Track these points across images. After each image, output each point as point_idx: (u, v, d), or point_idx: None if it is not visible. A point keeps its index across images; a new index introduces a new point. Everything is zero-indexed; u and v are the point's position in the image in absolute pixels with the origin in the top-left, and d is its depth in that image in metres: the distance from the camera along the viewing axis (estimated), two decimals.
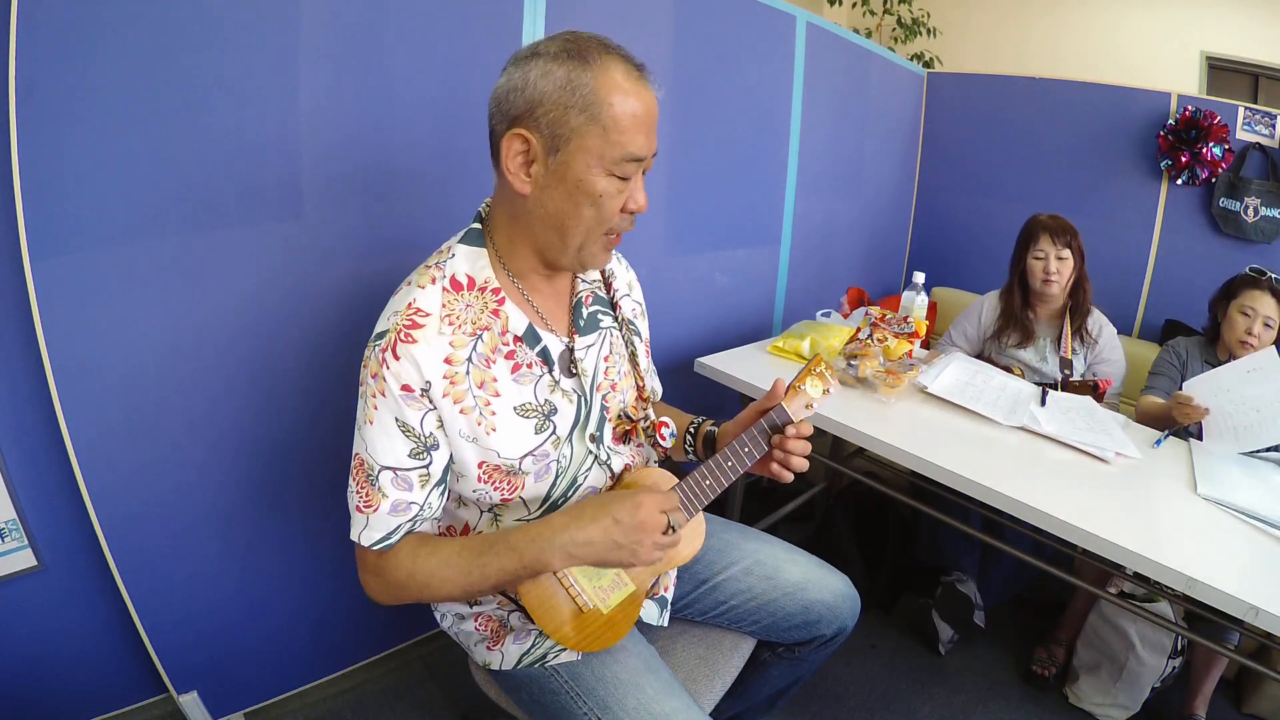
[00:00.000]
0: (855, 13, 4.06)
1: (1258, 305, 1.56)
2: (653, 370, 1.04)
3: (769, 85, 1.90)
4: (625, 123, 0.69)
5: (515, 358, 0.78)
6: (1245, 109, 2.09)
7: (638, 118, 0.70)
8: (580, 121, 0.69)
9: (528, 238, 0.77)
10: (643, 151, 0.72)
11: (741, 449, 0.84)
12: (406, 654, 1.51)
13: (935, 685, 1.59)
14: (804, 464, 0.85)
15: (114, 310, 0.96)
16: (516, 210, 0.76)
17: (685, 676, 0.97)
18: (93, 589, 1.08)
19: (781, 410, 0.84)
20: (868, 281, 2.61)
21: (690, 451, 0.99)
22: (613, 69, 0.69)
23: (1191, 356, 1.69)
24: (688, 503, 0.84)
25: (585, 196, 0.72)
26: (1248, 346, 1.56)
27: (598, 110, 0.68)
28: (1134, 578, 1.41)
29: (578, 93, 0.68)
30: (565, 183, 0.71)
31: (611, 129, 0.69)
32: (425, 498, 0.76)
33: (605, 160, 0.70)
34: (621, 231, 0.78)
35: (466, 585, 0.75)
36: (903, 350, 1.60)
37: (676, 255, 1.79)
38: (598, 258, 0.78)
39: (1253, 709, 1.57)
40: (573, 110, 0.68)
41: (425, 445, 0.74)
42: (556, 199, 0.72)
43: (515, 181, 0.72)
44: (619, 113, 0.69)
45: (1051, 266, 1.65)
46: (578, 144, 0.69)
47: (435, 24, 1.16)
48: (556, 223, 0.74)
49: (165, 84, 0.92)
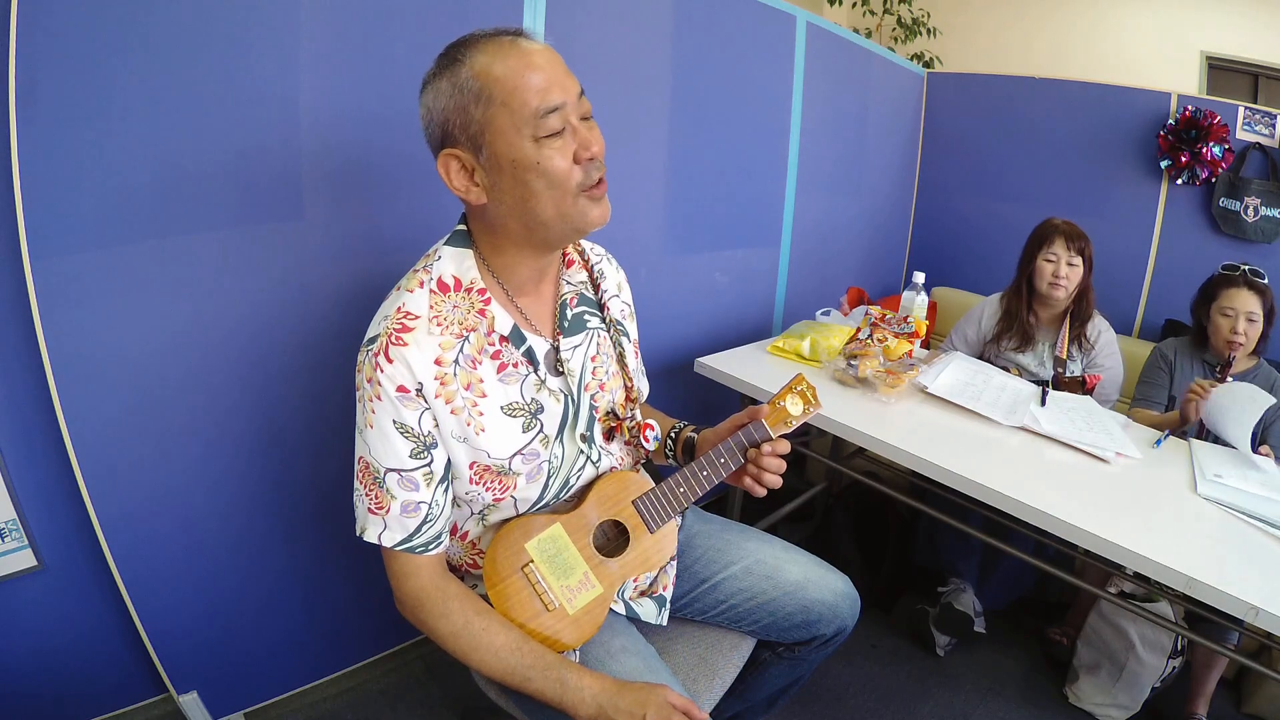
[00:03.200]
0: (855, 13, 4.07)
1: (1236, 304, 1.52)
2: (641, 371, 1.04)
3: (769, 85, 1.90)
4: (515, 83, 0.68)
5: (501, 358, 0.78)
6: (1245, 109, 2.09)
7: (528, 71, 0.69)
8: (480, 111, 0.69)
9: (511, 239, 0.77)
10: (551, 99, 0.69)
11: (717, 460, 0.86)
12: (406, 654, 1.51)
13: (935, 685, 1.59)
14: (776, 480, 0.87)
15: (114, 310, 0.96)
16: (489, 220, 0.77)
17: (685, 676, 0.97)
18: (93, 589, 1.08)
19: (760, 426, 0.85)
20: (868, 281, 2.61)
21: (670, 456, 1.00)
22: (484, 48, 0.69)
23: (1180, 357, 1.66)
24: (661, 508, 0.86)
25: (527, 172, 0.70)
26: (1236, 347, 1.53)
27: (487, 91, 0.68)
28: (1134, 578, 1.41)
29: (464, 90, 0.69)
30: (504, 171, 0.71)
31: (508, 99, 0.68)
32: (432, 496, 0.77)
33: (521, 129, 0.69)
34: (597, 180, 0.74)
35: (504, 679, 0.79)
36: (903, 350, 1.60)
37: (676, 255, 1.79)
38: (589, 215, 0.75)
39: (1253, 709, 1.57)
40: (470, 106, 0.69)
41: (425, 444, 0.75)
42: (508, 189, 0.72)
43: (469, 197, 0.73)
44: (504, 81, 0.68)
45: (1062, 271, 1.64)
46: (491, 132, 0.69)
47: (435, 23, 1.16)
48: (522, 210, 0.73)
49: (165, 84, 0.92)
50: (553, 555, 0.82)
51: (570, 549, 0.83)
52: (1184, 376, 1.63)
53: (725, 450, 0.86)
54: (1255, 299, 1.51)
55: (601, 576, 0.85)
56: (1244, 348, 1.53)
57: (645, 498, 0.87)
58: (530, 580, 0.81)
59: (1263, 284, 1.54)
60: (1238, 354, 1.53)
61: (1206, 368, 1.62)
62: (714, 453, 0.86)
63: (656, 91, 1.59)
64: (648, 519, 0.86)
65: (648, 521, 0.86)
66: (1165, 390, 1.66)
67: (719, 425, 0.93)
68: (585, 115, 0.74)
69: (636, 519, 0.86)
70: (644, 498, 0.87)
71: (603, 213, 0.76)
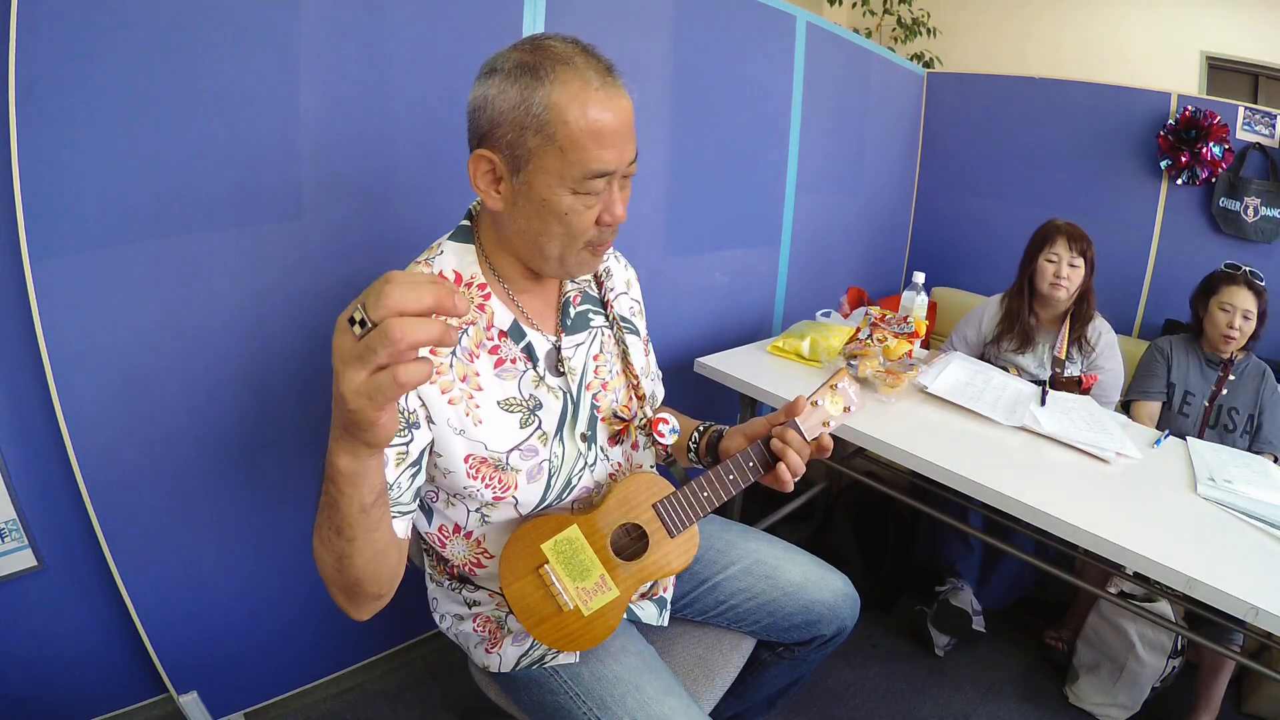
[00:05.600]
0: (855, 13, 4.06)
1: (1235, 300, 1.62)
2: (657, 376, 1.02)
3: (769, 85, 1.90)
4: (583, 140, 0.67)
5: (499, 353, 0.78)
6: (1245, 109, 2.09)
7: (598, 133, 0.67)
8: (537, 143, 0.67)
9: (509, 247, 0.78)
10: (607, 167, 0.69)
11: (745, 463, 0.83)
12: (406, 654, 1.51)
13: (935, 685, 1.59)
14: (801, 467, 0.83)
15: (114, 310, 0.96)
16: (497, 224, 0.77)
17: (685, 676, 0.97)
18: (93, 589, 1.08)
19: (795, 426, 0.82)
20: (868, 281, 2.60)
21: (694, 457, 0.98)
22: (569, 83, 0.66)
23: (1177, 352, 1.74)
24: (683, 512, 0.83)
25: (551, 215, 0.71)
26: (1230, 340, 1.63)
27: (552, 130, 0.66)
28: (1134, 578, 1.41)
29: (531, 113, 0.66)
30: (531, 201, 0.71)
31: (569, 149, 0.67)
32: (397, 476, 0.72)
33: (566, 180, 0.68)
34: (604, 242, 0.76)
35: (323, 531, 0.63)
36: (903, 350, 1.60)
37: (676, 255, 1.79)
38: (583, 266, 0.78)
39: (1253, 709, 1.57)
40: (528, 131, 0.67)
41: (407, 422, 0.72)
42: (526, 215, 0.72)
43: (487, 199, 0.73)
44: (575, 131, 0.66)
45: (1063, 271, 1.64)
46: (536, 165, 0.68)
47: (435, 23, 1.16)
48: (530, 238, 0.74)
49: (165, 84, 0.92)
50: (569, 556, 0.80)
51: (587, 551, 0.81)
52: (1180, 366, 1.72)
53: (755, 453, 0.83)
54: (1252, 298, 1.62)
55: (619, 580, 0.83)
56: (1236, 342, 1.64)
57: (667, 501, 0.84)
58: (545, 581, 0.80)
59: (1261, 285, 1.65)
60: (1231, 348, 1.64)
61: (1202, 359, 1.71)
62: (742, 455, 0.83)
63: (656, 91, 1.59)
64: (668, 523, 0.84)
65: (668, 525, 0.84)
66: (1162, 380, 1.73)
67: (749, 423, 0.89)
68: (628, 175, 0.74)
69: (656, 522, 0.84)
70: (665, 501, 0.84)
71: (593, 268, 0.80)
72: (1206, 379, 1.70)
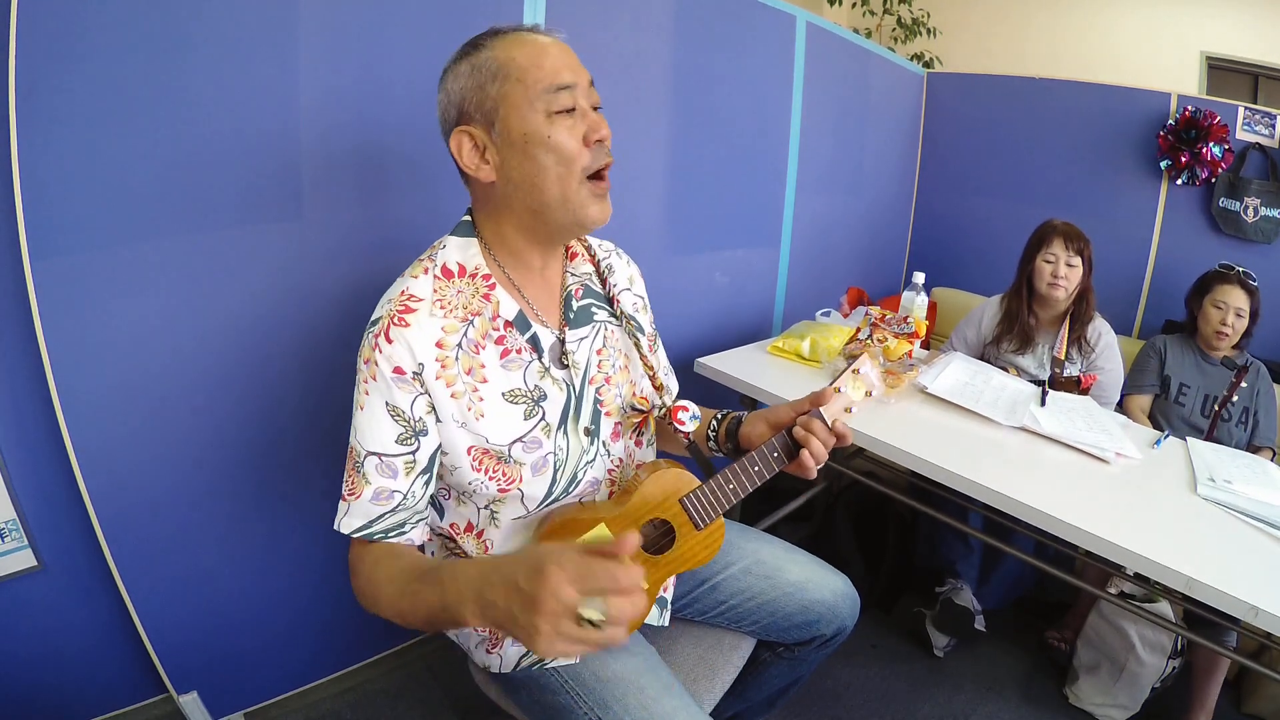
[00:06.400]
0: (855, 13, 4.06)
1: (1229, 298, 1.70)
2: (669, 369, 1.02)
3: (769, 85, 1.90)
4: (535, 61, 0.72)
5: (505, 343, 0.79)
6: (1245, 109, 2.09)
7: (543, 54, 0.73)
8: (497, 87, 0.72)
9: (514, 223, 0.79)
10: (565, 79, 0.73)
11: (770, 454, 0.83)
12: (407, 654, 1.51)
13: (935, 685, 1.59)
14: (824, 453, 0.83)
15: (114, 310, 0.96)
16: (494, 203, 0.78)
17: (685, 676, 0.97)
18: (93, 589, 1.08)
19: (819, 415, 0.82)
20: (868, 281, 2.60)
21: (714, 445, 0.97)
22: (507, 35, 0.74)
23: (1170, 349, 1.80)
24: (708, 505, 0.82)
25: (538, 147, 0.72)
26: (1223, 337, 1.70)
27: (505, 69, 0.72)
28: (1134, 578, 1.41)
29: (482, 69, 0.72)
30: (515, 145, 0.73)
31: (526, 75, 0.72)
32: (409, 486, 0.75)
33: (536, 103, 0.72)
34: (601, 168, 0.76)
35: (400, 608, 0.69)
36: (903, 350, 1.60)
37: (676, 255, 1.79)
38: (588, 208, 0.76)
39: (1253, 709, 1.57)
40: (487, 84, 0.72)
41: (414, 430, 0.74)
42: (517, 164, 0.74)
43: (480, 174, 0.75)
44: (525, 61, 0.72)
45: (1061, 271, 1.65)
46: (506, 106, 0.72)
47: (435, 23, 1.16)
48: (529, 188, 0.75)
49: (165, 84, 0.92)
50: None
51: None
52: (1175, 359, 1.79)
53: (779, 443, 0.82)
54: (1245, 297, 1.70)
55: (647, 575, 0.83)
56: (1229, 339, 1.71)
57: (693, 495, 0.83)
58: None
59: (1253, 285, 1.71)
60: (1224, 344, 1.72)
61: (1198, 354, 1.77)
62: (766, 446, 0.82)
63: (656, 91, 1.59)
64: (695, 516, 0.84)
65: (694, 519, 0.84)
66: (1155, 374, 1.80)
67: (772, 409, 0.88)
68: (595, 105, 0.77)
69: (683, 517, 0.83)
70: (692, 495, 0.83)
71: (602, 211, 0.78)
72: (1203, 373, 1.74)
